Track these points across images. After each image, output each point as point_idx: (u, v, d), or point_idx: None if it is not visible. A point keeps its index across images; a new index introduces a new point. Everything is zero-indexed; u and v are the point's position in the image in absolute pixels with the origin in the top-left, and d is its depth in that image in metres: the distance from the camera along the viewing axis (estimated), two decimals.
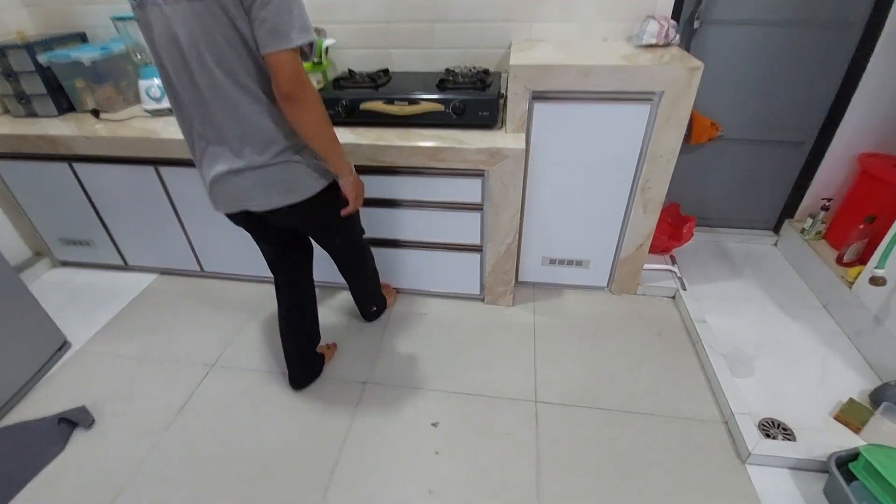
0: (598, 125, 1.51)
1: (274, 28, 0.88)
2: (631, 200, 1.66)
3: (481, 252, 1.74)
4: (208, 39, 0.91)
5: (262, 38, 0.89)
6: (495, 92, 1.55)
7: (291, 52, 0.90)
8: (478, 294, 1.87)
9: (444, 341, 1.72)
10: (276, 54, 0.90)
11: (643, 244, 1.74)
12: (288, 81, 0.92)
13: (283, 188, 1.12)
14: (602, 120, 1.49)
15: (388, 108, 1.60)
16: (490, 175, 1.53)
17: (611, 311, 1.83)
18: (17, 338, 1.59)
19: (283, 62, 0.90)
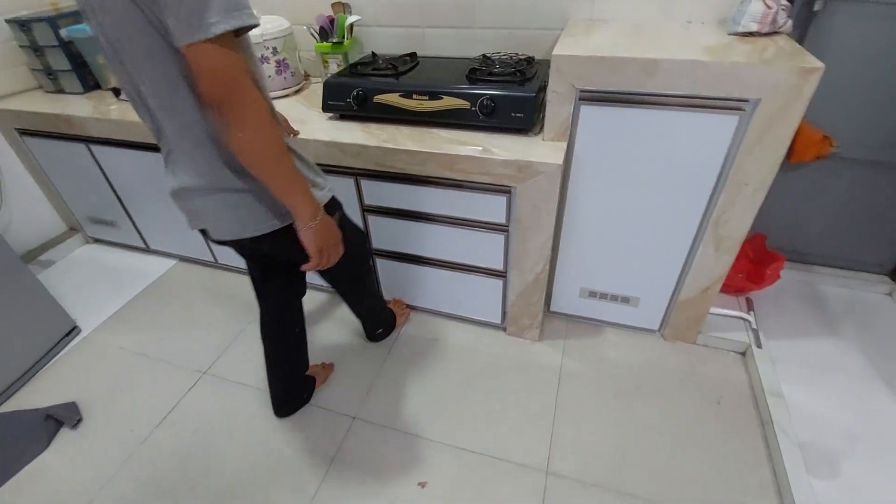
0: (664, 138, 1.16)
1: (188, 12, 0.63)
2: (700, 235, 1.30)
3: (505, 279, 1.47)
4: (132, 46, 0.73)
5: (173, 25, 0.65)
6: (535, 87, 1.25)
7: (212, 42, 0.65)
8: (499, 323, 1.61)
9: (452, 377, 1.49)
10: (193, 46, 0.65)
11: (711, 288, 1.39)
12: (209, 83, 0.67)
13: (231, 218, 0.91)
14: (669, 132, 1.15)
15: (405, 102, 1.35)
16: (518, 193, 1.25)
17: (659, 363, 1.50)
18: (20, 323, 1.57)
19: (201, 56, 0.66)
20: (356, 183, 1.41)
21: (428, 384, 1.47)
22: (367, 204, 1.45)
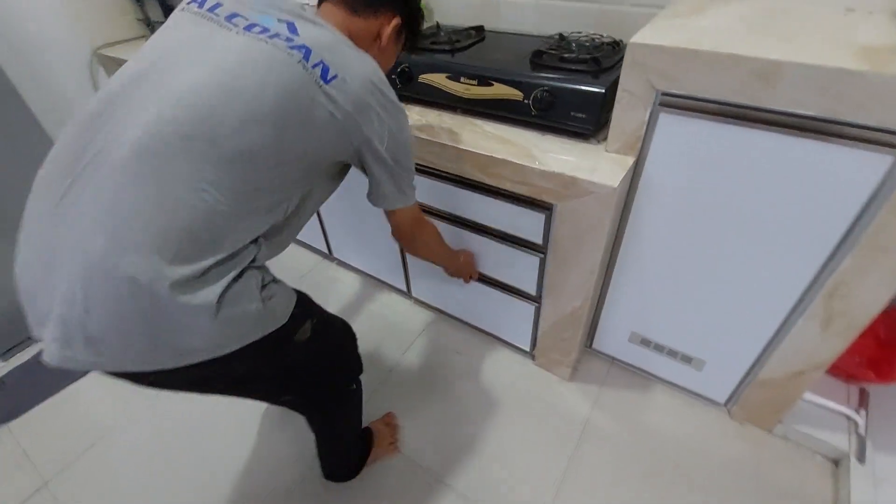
0: (776, 172, 0.84)
1: (406, 184, 0.85)
2: (803, 305, 0.96)
3: (538, 305, 1.25)
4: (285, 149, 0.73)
5: (388, 190, 0.82)
6: (608, 82, 0.98)
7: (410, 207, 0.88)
8: (527, 351, 1.40)
9: (464, 401, 1.33)
10: (400, 211, 0.87)
11: (807, 373, 1.04)
12: (404, 233, 0.93)
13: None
14: (785, 165, 0.83)
15: (452, 85, 1.16)
16: (558, 213, 1.01)
17: (714, 446, 1.19)
18: None
19: (402, 215, 0.88)
20: None
21: (437, 400, 1.33)
22: None
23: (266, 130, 0.63)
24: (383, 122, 0.74)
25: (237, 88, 0.63)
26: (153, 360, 0.62)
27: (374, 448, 1.18)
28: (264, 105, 0.63)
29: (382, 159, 0.76)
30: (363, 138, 0.73)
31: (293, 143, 0.67)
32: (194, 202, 0.60)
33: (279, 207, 0.71)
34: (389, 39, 0.83)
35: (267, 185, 0.67)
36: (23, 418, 1.35)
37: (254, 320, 0.67)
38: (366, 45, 0.79)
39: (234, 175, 0.63)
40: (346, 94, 0.69)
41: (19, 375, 1.47)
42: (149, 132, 0.60)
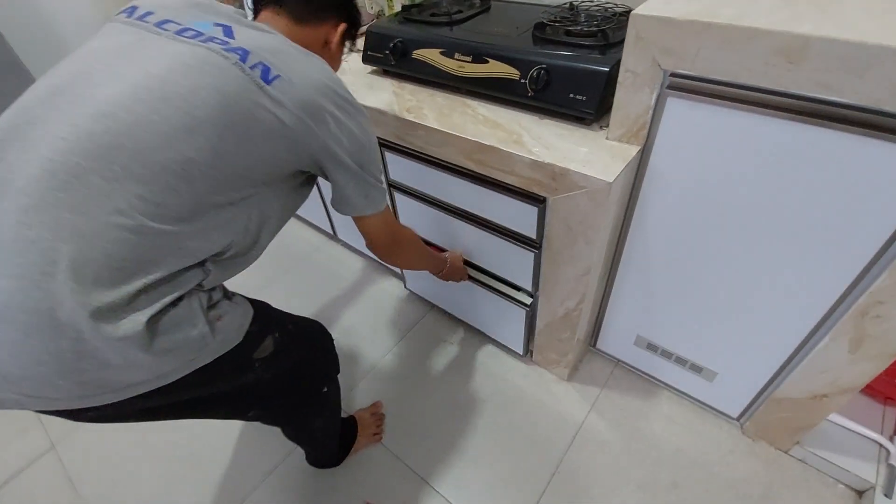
0: (803, 170, 0.71)
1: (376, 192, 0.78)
2: (829, 322, 0.84)
3: (532, 302, 1.17)
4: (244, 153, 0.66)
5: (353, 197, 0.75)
6: (613, 60, 0.86)
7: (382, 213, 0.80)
8: (520, 349, 1.32)
9: (450, 394, 1.29)
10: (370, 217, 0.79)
11: (830, 397, 0.92)
12: (379, 243, 0.85)
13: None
14: (814, 162, 0.70)
15: (445, 62, 1.06)
16: (551, 207, 0.92)
17: (722, 464, 1.09)
18: None
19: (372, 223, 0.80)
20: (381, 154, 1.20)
21: (425, 394, 1.30)
22: (392, 179, 1.24)
23: (200, 141, 0.56)
24: (341, 124, 0.67)
25: (166, 95, 0.56)
26: (87, 397, 0.56)
27: (358, 437, 1.17)
28: (197, 111, 0.56)
29: (345, 165, 0.69)
30: (319, 144, 0.65)
31: (235, 154, 0.59)
32: (117, 223, 0.52)
33: (233, 225, 0.63)
34: (338, 45, 0.82)
35: (209, 202, 0.59)
36: None
37: (198, 345, 0.60)
38: (315, 53, 0.71)
39: (166, 191, 0.55)
40: (293, 97, 0.62)
41: None
42: (60, 151, 0.52)
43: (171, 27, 0.62)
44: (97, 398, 0.57)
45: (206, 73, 0.58)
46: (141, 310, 0.54)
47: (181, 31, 0.62)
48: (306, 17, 0.75)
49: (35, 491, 1.19)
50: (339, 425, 1.08)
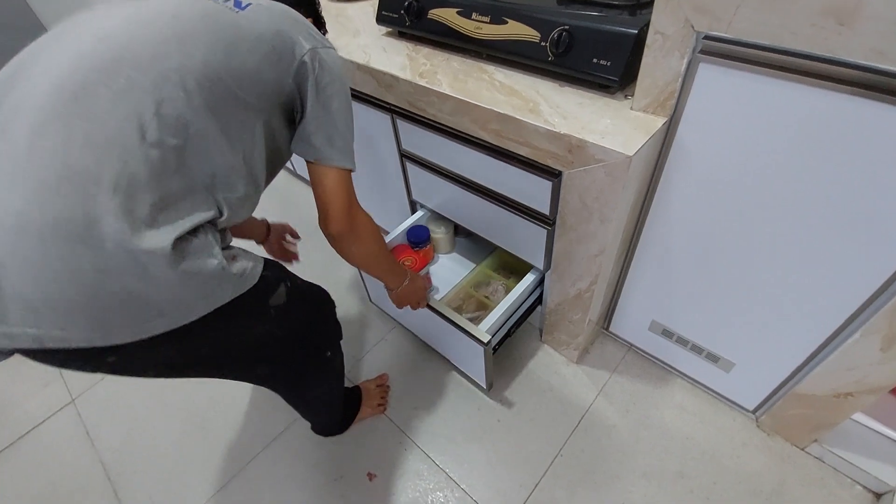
0: (843, 145, 0.64)
1: (343, 143, 0.74)
2: (860, 318, 0.77)
3: (541, 280, 1.13)
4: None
5: (320, 145, 0.72)
6: (642, 22, 0.79)
7: (347, 171, 0.76)
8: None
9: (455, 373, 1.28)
10: (335, 169, 0.74)
11: (857, 396, 0.86)
12: (333, 212, 0.74)
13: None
14: (859, 136, 0.62)
15: (462, 22, 1.00)
16: (566, 182, 0.86)
17: (733, 457, 1.05)
18: None
19: (337, 180, 0.74)
20: (392, 122, 1.16)
21: (431, 368, 1.29)
22: (404, 149, 1.20)
23: (190, 47, 0.59)
24: (315, 53, 0.68)
25: (156, 15, 0.60)
26: (105, 333, 0.54)
27: (363, 407, 1.17)
28: (186, 24, 0.60)
29: (316, 91, 0.68)
30: (298, 62, 0.67)
31: (225, 67, 0.61)
32: (127, 132, 0.53)
33: (232, 151, 0.63)
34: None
35: (207, 119, 0.59)
36: None
37: (219, 279, 0.59)
38: None
39: (167, 102, 0.56)
40: (269, 16, 0.66)
41: None
42: (67, 69, 0.54)
43: None
44: (116, 334, 0.55)
45: (184, 3, 0.63)
46: (163, 227, 0.55)
47: None
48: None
49: (55, 441, 1.24)
50: (342, 394, 1.08)
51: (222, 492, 1.10)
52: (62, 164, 0.51)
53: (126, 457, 1.19)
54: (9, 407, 1.33)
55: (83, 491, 1.14)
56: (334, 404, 1.07)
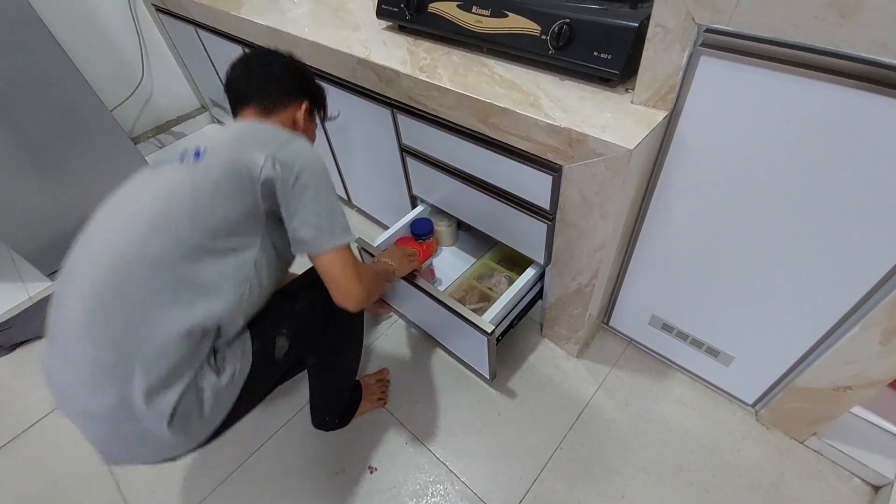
0: (846, 139, 0.64)
1: (329, 225, 0.78)
2: (860, 312, 0.77)
3: (542, 276, 1.13)
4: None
5: (306, 234, 0.76)
6: (644, 15, 0.78)
7: (340, 250, 0.78)
8: (486, 376, 1.28)
9: (457, 363, 1.28)
10: (327, 254, 0.78)
11: (856, 389, 0.86)
12: (337, 288, 0.79)
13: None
14: (861, 130, 0.62)
15: (462, 16, 1.00)
16: (566, 176, 0.86)
17: (732, 450, 1.06)
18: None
19: (333, 261, 0.78)
20: (393, 116, 1.15)
21: (432, 364, 1.29)
22: (404, 143, 1.20)
23: (164, 237, 0.68)
24: (269, 151, 0.72)
25: (125, 223, 0.70)
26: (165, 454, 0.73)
27: (363, 402, 1.18)
28: (155, 217, 0.69)
29: (287, 192, 0.72)
30: (257, 173, 0.71)
31: (195, 227, 0.69)
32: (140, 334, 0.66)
33: (235, 291, 0.72)
34: (304, 121, 0.90)
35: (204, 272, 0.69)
36: None
37: (215, 402, 0.71)
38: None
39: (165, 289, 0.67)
40: (221, 150, 0.72)
41: None
42: (89, 288, 0.66)
43: (157, 161, 0.78)
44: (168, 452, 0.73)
45: (161, 181, 0.73)
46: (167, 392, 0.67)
47: (160, 163, 0.76)
48: (270, 107, 0.85)
49: (57, 435, 1.25)
50: (349, 389, 1.10)
51: (224, 485, 1.11)
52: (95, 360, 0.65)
53: None
54: (11, 401, 1.33)
55: (86, 484, 1.15)
56: (349, 384, 1.09)
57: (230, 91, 0.88)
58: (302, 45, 1.23)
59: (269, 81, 0.86)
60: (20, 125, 1.46)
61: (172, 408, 0.66)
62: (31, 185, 1.54)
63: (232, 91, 0.88)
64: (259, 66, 0.87)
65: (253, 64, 0.88)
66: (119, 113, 2.08)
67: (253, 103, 0.85)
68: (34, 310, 1.57)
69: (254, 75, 0.87)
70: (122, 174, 1.74)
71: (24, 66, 1.42)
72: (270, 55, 0.90)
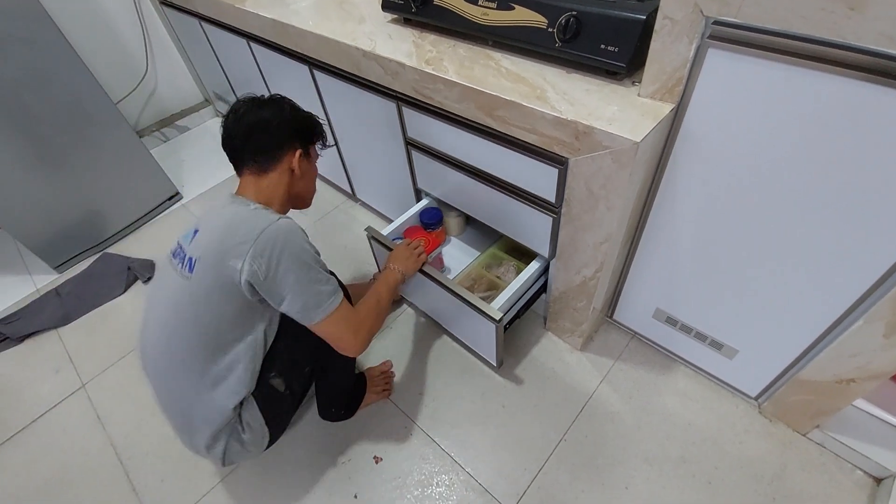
0: (853, 132, 0.64)
1: (314, 303, 0.84)
2: (863, 305, 0.78)
3: (546, 269, 1.14)
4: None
5: (296, 312, 0.84)
6: (651, 7, 0.78)
7: (331, 316, 0.84)
8: (493, 363, 1.29)
9: (463, 353, 1.29)
10: (319, 324, 0.84)
11: (859, 382, 0.87)
12: (342, 346, 0.88)
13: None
14: (869, 123, 0.62)
15: (468, 8, 1.00)
16: (572, 169, 0.87)
17: (735, 442, 1.07)
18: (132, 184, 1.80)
19: (326, 328, 0.85)
20: (398, 109, 1.16)
21: (435, 356, 1.30)
22: (410, 137, 1.21)
23: (174, 344, 0.85)
24: (245, 249, 0.78)
25: (153, 335, 0.88)
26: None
27: (368, 393, 1.19)
28: (167, 329, 0.86)
29: (270, 282, 0.79)
30: (238, 276, 0.78)
31: (200, 331, 0.82)
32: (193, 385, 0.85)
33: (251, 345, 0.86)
34: (300, 166, 0.92)
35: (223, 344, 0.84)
36: (72, 325, 1.51)
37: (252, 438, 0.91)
38: (284, 185, 0.91)
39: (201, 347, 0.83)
40: (206, 259, 0.80)
41: (71, 287, 1.62)
42: (151, 359, 0.90)
43: (173, 249, 0.88)
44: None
45: (173, 292, 0.85)
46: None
47: (174, 255, 0.86)
48: (265, 166, 0.89)
49: (66, 424, 1.26)
50: (351, 383, 1.11)
51: (232, 474, 1.12)
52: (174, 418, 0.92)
53: (137, 440, 1.21)
54: (20, 392, 1.35)
55: (95, 472, 1.16)
56: (350, 375, 1.11)
57: (226, 149, 0.91)
58: (307, 38, 1.23)
59: (259, 145, 0.88)
60: (26, 118, 1.46)
61: (223, 453, 0.89)
62: (37, 177, 1.55)
63: (227, 149, 0.91)
64: (247, 127, 0.88)
65: (242, 125, 0.88)
66: (123, 106, 2.08)
67: (248, 167, 0.90)
68: (41, 302, 1.58)
69: (244, 140, 0.88)
70: (126, 167, 1.78)
71: (31, 59, 1.43)
72: (258, 109, 0.89)
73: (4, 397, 1.34)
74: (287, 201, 0.94)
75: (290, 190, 0.93)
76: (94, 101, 1.60)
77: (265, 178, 0.90)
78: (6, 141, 1.44)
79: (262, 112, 0.89)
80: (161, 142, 2.34)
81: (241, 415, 0.89)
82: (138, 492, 1.12)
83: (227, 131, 0.90)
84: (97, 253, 1.75)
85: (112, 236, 1.80)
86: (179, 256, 0.85)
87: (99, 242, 1.77)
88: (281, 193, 0.91)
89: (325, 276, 0.85)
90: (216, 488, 1.11)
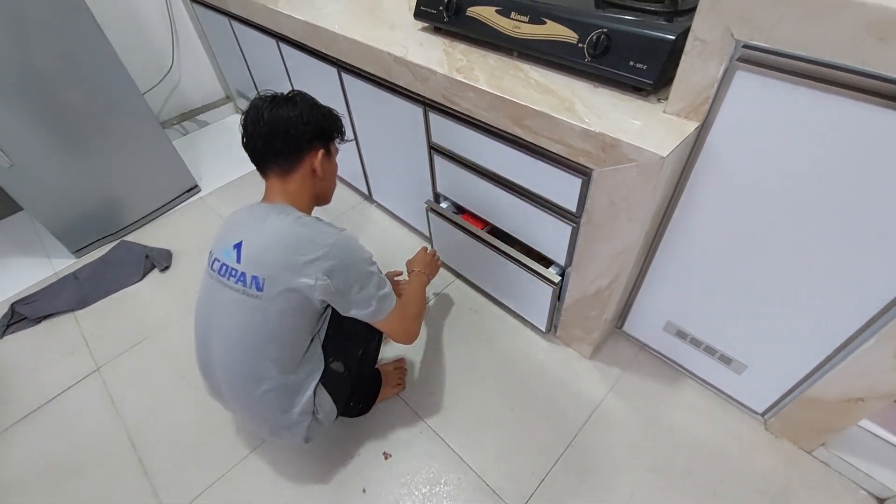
0: (875, 158, 0.67)
1: (377, 306, 0.92)
2: (875, 325, 0.80)
3: (561, 280, 1.16)
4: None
5: (360, 314, 0.92)
6: (681, 28, 0.82)
7: (390, 315, 0.94)
8: (543, 327, 1.31)
9: (474, 357, 1.31)
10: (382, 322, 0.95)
11: (867, 401, 0.89)
12: (398, 337, 0.99)
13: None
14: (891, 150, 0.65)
15: (500, 21, 1.03)
16: (596, 180, 0.89)
17: (740, 457, 1.08)
18: (154, 175, 1.83)
19: (388, 323, 0.95)
20: (424, 114, 1.19)
21: (447, 357, 1.32)
22: (433, 142, 1.24)
23: (252, 355, 0.89)
24: (316, 267, 0.83)
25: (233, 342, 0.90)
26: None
27: (383, 388, 1.22)
28: (244, 343, 0.89)
29: (339, 296, 0.87)
30: (311, 292, 0.84)
31: (278, 349, 0.88)
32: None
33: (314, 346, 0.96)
34: (322, 166, 0.94)
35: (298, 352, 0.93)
36: (88, 309, 1.53)
37: (327, 418, 1.00)
38: (308, 186, 0.94)
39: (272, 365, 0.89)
40: (276, 279, 0.83)
41: (89, 271, 1.65)
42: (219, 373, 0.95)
43: (216, 267, 0.89)
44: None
45: (238, 311, 0.87)
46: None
47: (221, 272, 0.87)
48: (287, 168, 0.91)
49: (80, 407, 1.28)
50: (371, 377, 1.19)
51: (243, 463, 1.14)
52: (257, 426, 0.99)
53: (150, 425, 1.23)
54: (35, 372, 1.37)
55: (108, 455, 1.18)
56: (366, 384, 1.19)
57: (247, 149, 0.92)
58: (339, 41, 1.26)
59: (280, 148, 0.89)
60: (57, 103, 1.50)
61: (305, 431, 0.96)
62: (62, 162, 1.58)
63: (249, 150, 0.92)
64: (267, 128, 0.87)
65: (261, 127, 0.87)
66: (147, 98, 2.12)
67: (273, 168, 0.92)
68: (59, 284, 1.60)
69: (265, 142, 0.88)
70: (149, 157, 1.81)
71: (68, 47, 1.46)
72: (277, 109, 0.88)
73: (20, 376, 1.36)
74: (311, 201, 0.97)
75: (314, 190, 0.96)
76: (123, 92, 1.64)
77: (290, 182, 0.92)
78: (36, 125, 1.47)
79: (281, 112, 0.87)
80: (181, 135, 2.38)
81: (314, 398, 0.96)
82: (150, 476, 1.14)
83: (246, 132, 0.89)
84: (115, 240, 1.78)
85: (130, 224, 1.83)
86: (230, 272, 0.86)
87: (118, 230, 1.80)
88: (307, 195, 0.94)
89: (383, 279, 0.92)
90: (227, 476, 1.12)
